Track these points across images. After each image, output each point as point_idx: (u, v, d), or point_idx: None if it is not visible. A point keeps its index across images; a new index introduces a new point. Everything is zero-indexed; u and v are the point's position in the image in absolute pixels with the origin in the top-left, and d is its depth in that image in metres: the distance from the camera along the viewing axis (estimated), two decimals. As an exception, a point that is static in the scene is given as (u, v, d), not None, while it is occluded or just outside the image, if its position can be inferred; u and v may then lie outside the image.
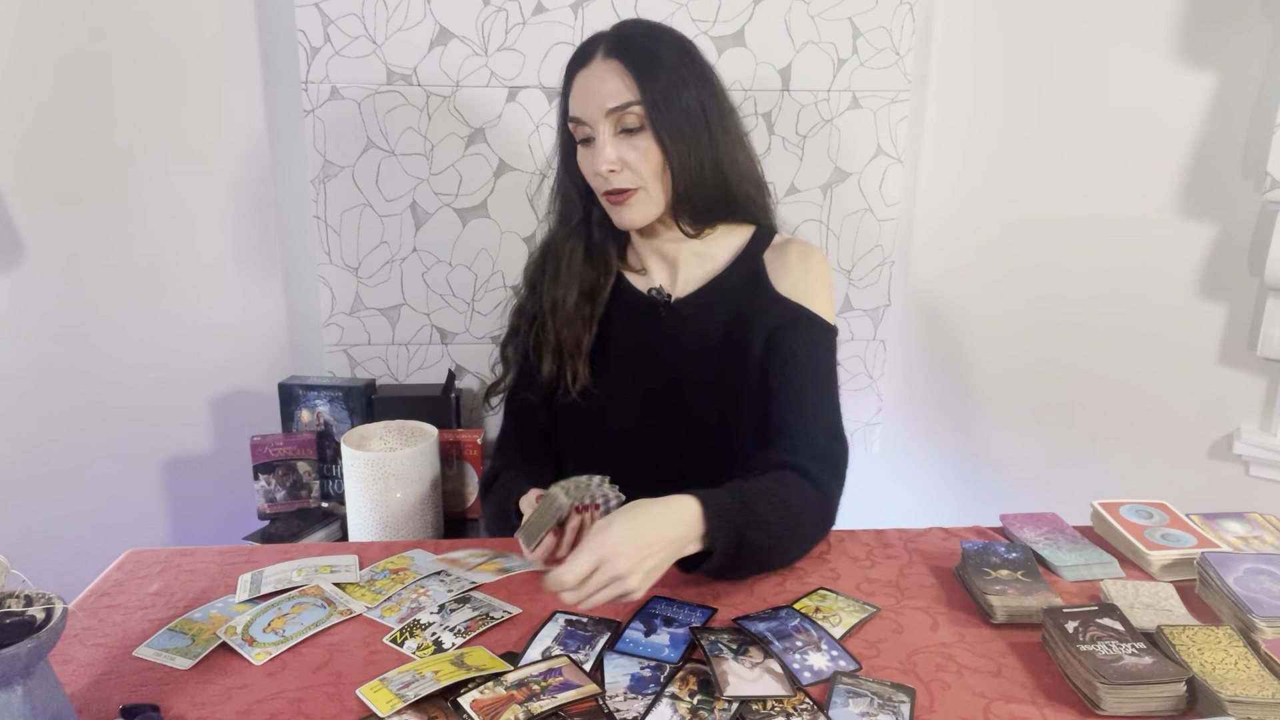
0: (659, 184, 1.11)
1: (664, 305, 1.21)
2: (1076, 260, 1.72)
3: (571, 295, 1.21)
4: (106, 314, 1.77)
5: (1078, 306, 1.73)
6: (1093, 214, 1.68)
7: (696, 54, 1.13)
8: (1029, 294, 1.79)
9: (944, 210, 1.86)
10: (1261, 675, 0.82)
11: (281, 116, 1.75)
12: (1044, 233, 1.75)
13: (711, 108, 1.12)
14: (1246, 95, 1.50)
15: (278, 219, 1.81)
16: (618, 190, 1.11)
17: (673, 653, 0.89)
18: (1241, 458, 1.60)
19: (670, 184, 1.11)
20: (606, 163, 1.09)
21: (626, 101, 1.07)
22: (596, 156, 1.09)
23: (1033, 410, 1.83)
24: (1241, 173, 1.52)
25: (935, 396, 1.96)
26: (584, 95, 1.10)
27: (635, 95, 1.07)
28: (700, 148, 1.10)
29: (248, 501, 1.78)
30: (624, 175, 1.10)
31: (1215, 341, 1.60)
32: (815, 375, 1.15)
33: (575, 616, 0.96)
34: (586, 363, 1.21)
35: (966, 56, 1.78)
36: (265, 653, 0.90)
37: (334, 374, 1.82)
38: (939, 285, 1.91)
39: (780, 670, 0.85)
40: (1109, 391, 1.72)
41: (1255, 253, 1.53)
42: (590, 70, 1.10)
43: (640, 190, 1.11)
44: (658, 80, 1.08)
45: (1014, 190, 1.77)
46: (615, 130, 1.09)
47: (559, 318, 1.21)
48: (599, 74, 1.09)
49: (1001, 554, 1.06)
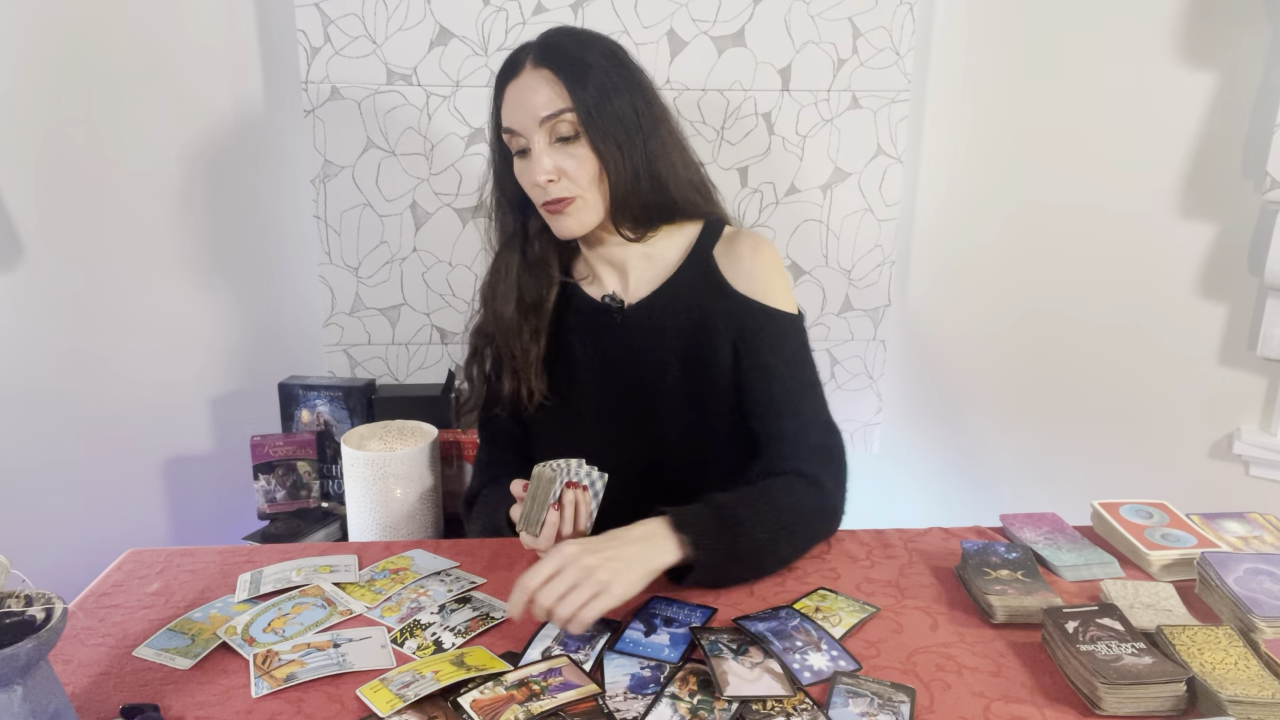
0: (596, 191, 1.10)
1: (618, 311, 1.20)
2: (1076, 260, 1.72)
3: (509, 307, 1.20)
4: (106, 314, 1.77)
5: (1078, 306, 1.73)
6: (1093, 213, 1.68)
7: (626, 58, 1.13)
8: (1029, 294, 1.79)
9: (944, 210, 1.86)
10: (1261, 675, 0.82)
11: (281, 116, 1.75)
12: (1044, 232, 1.75)
13: (644, 111, 1.11)
14: (1246, 95, 1.50)
15: (278, 219, 1.81)
16: (556, 200, 1.10)
17: (673, 653, 0.89)
18: (1241, 458, 1.60)
19: (608, 190, 1.11)
20: (544, 173, 1.08)
21: (559, 109, 1.06)
22: (534, 167, 1.08)
23: (1032, 410, 1.83)
24: (1241, 173, 1.52)
25: (935, 396, 1.96)
26: (516, 106, 1.09)
27: (567, 103, 1.06)
28: (635, 153, 1.10)
29: (248, 501, 1.78)
30: (562, 184, 1.09)
31: (1215, 341, 1.60)
32: (794, 378, 1.15)
33: None
34: (541, 376, 1.21)
35: (966, 56, 1.78)
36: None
37: (334, 374, 1.82)
38: (939, 285, 1.91)
39: (780, 670, 0.85)
40: (1109, 391, 1.72)
41: (1255, 253, 1.53)
42: (521, 80, 1.09)
43: (579, 199, 1.10)
44: (588, 87, 1.07)
45: (1014, 190, 1.77)
46: (550, 139, 1.08)
47: (504, 332, 1.21)
48: (529, 84, 1.08)
49: (1001, 554, 1.06)
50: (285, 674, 0.86)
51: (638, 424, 1.20)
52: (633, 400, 1.20)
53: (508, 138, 1.12)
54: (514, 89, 1.10)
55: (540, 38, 1.12)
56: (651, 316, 1.19)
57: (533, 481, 1.01)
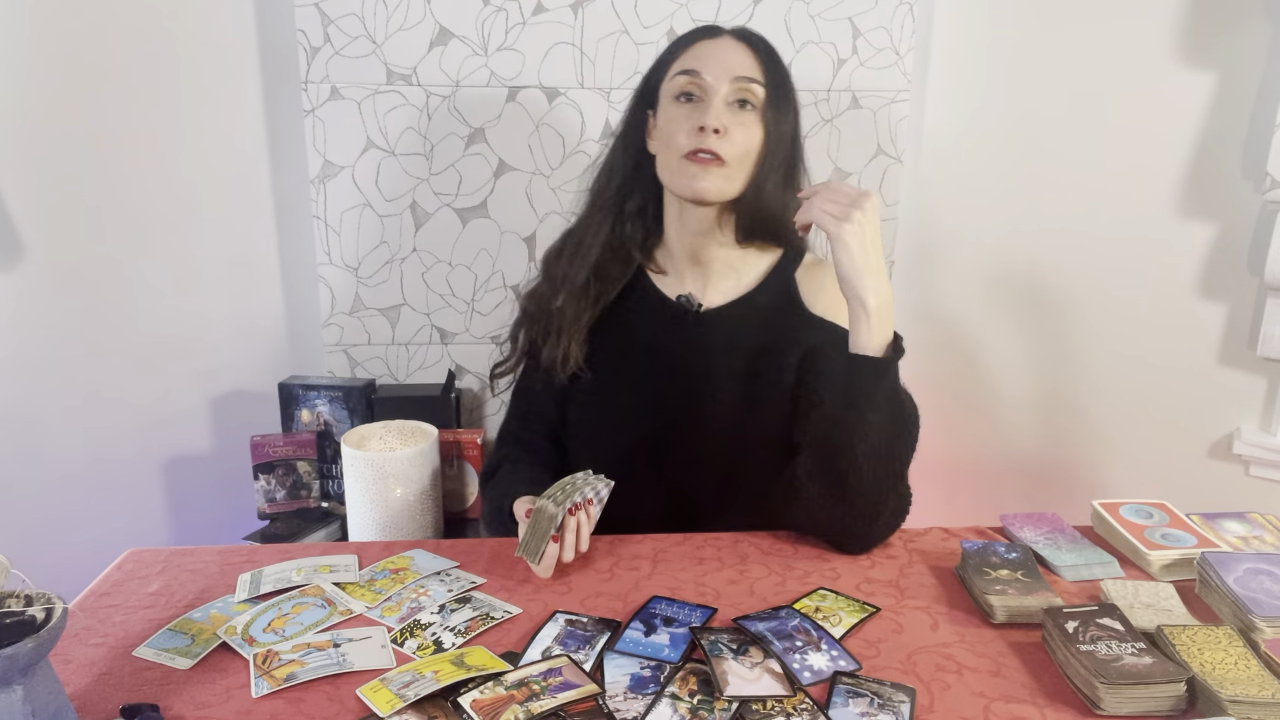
0: (744, 167, 1.12)
1: (693, 313, 1.21)
2: (1076, 260, 1.72)
3: (582, 273, 1.21)
4: (106, 313, 1.77)
5: (1077, 306, 1.73)
6: (1092, 213, 1.68)
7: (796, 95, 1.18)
8: (1029, 294, 1.79)
9: (944, 210, 1.86)
10: (1261, 675, 0.82)
11: (281, 116, 1.75)
12: (1044, 233, 1.75)
13: (798, 138, 1.18)
14: (1246, 95, 1.50)
15: (278, 219, 1.81)
16: (710, 150, 1.09)
17: (673, 652, 0.89)
18: (1241, 458, 1.60)
19: (751, 174, 1.13)
20: (716, 119, 1.09)
21: (755, 76, 1.10)
22: (707, 112, 1.09)
23: (1032, 410, 1.83)
24: (1241, 173, 1.52)
25: (935, 396, 1.95)
26: (711, 56, 1.12)
27: (763, 77, 1.11)
28: (783, 160, 1.14)
29: (248, 501, 1.78)
30: (723, 141, 1.09)
31: (1215, 341, 1.60)
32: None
33: (575, 616, 0.96)
34: (583, 344, 1.21)
35: (966, 56, 1.78)
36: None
37: (334, 374, 1.82)
38: (939, 285, 1.91)
39: (780, 670, 0.85)
40: (1109, 391, 1.72)
41: (1255, 253, 1.53)
42: (720, 42, 1.13)
43: (729, 164, 1.11)
44: (780, 82, 1.12)
45: (1013, 190, 1.77)
46: (731, 99, 1.11)
47: (565, 293, 1.21)
48: (731, 46, 1.12)
49: (1001, 554, 1.06)
50: (285, 674, 0.86)
51: (681, 422, 1.21)
52: (685, 399, 1.20)
53: (686, 79, 1.12)
54: (710, 46, 1.13)
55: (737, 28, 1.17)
56: (725, 326, 1.20)
57: (535, 513, 1.01)
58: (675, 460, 1.21)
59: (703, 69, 1.11)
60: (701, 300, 1.22)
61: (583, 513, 1.04)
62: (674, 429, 1.21)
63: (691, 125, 1.10)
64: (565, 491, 1.03)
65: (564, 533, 1.03)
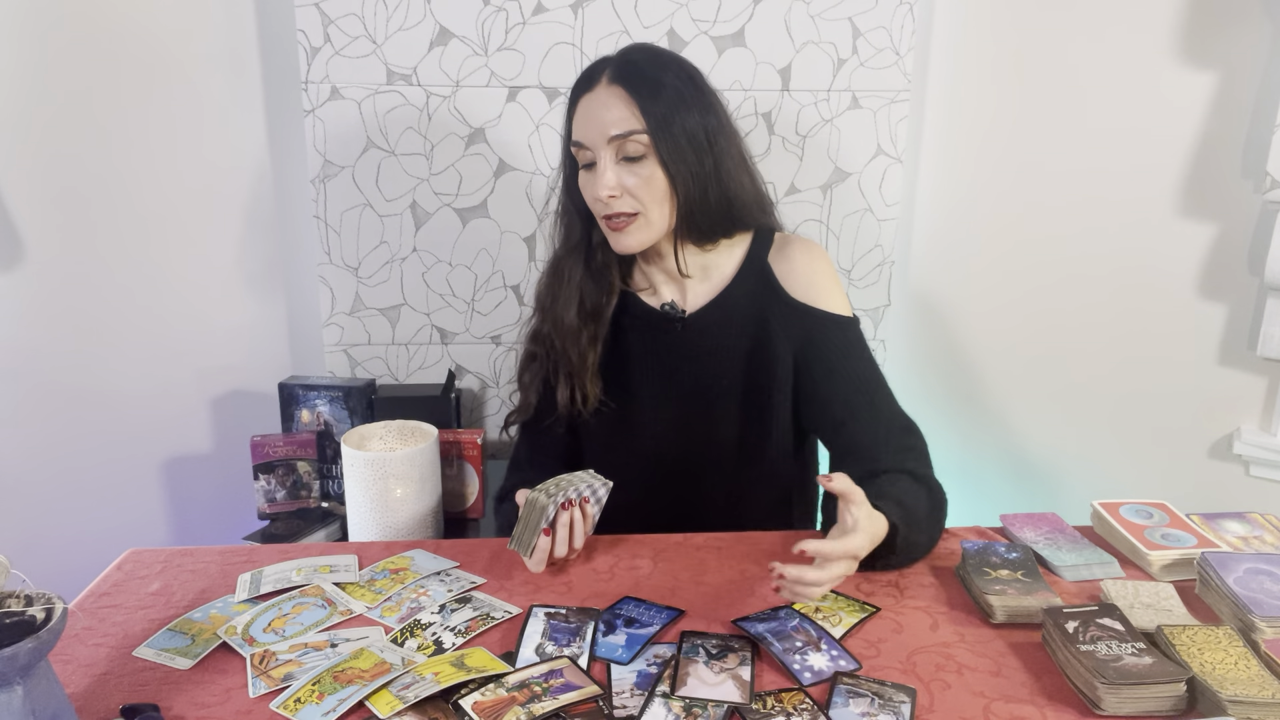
0: (659, 210, 1.11)
1: (678, 320, 1.22)
2: (1076, 260, 1.72)
3: (570, 312, 1.21)
4: (106, 314, 1.77)
5: (1077, 306, 1.73)
6: (1092, 213, 1.68)
7: (702, 81, 1.13)
8: (1029, 294, 1.79)
9: (944, 210, 1.86)
10: (1261, 675, 0.82)
11: (281, 116, 1.75)
12: (1044, 232, 1.74)
13: (715, 132, 1.11)
14: (1246, 95, 1.50)
15: (278, 219, 1.81)
16: (616, 215, 1.10)
17: (625, 653, 0.89)
18: (1241, 458, 1.59)
19: (673, 210, 1.12)
20: (607, 188, 1.08)
21: (629, 130, 1.07)
22: (597, 182, 1.09)
23: (1032, 410, 1.83)
24: (1241, 173, 1.52)
25: (935, 396, 1.95)
26: (587, 120, 1.10)
27: (639, 123, 1.07)
28: (704, 173, 1.10)
29: (248, 501, 1.78)
30: (624, 200, 1.10)
31: (1215, 341, 1.60)
32: (866, 379, 1.16)
33: (554, 609, 0.97)
34: (596, 380, 1.22)
35: (966, 56, 1.78)
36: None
37: (334, 374, 1.82)
38: (939, 285, 1.91)
39: (748, 680, 0.85)
40: (1109, 391, 1.72)
41: (1255, 253, 1.53)
42: (594, 96, 1.09)
43: (640, 216, 1.11)
44: (661, 107, 1.07)
45: (1014, 190, 1.77)
46: (617, 157, 1.09)
47: (563, 336, 1.22)
48: (602, 100, 1.08)
49: (1001, 554, 1.06)
50: (282, 674, 0.86)
51: (691, 426, 1.22)
52: (689, 403, 1.22)
53: (576, 150, 1.12)
54: (587, 103, 1.10)
55: (619, 54, 1.12)
56: (711, 325, 1.20)
57: (527, 504, 1.02)
58: (693, 459, 1.23)
59: (583, 138, 1.10)
60: (684, 306, 1.22)
61: (577, 510, 1.04)
62: (687, 432, 1.22)
63: (591, 195, 1.11)
64: (560, 486, 1.03)
65: (556, 530, 1.03)
